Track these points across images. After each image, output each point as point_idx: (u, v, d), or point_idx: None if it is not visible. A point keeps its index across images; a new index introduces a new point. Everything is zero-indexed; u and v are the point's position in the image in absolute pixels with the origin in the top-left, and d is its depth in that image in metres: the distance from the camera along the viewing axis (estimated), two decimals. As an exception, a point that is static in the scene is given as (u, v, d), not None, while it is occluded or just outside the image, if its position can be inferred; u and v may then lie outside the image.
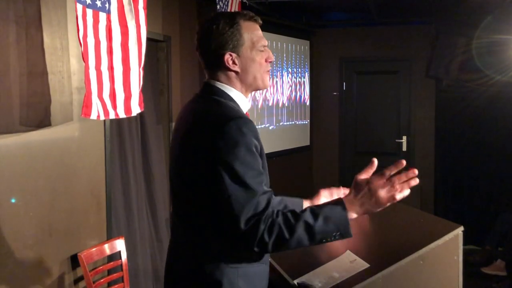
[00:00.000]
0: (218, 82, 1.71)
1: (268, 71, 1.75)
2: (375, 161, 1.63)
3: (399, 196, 1.55)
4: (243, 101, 1.74)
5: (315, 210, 1.55)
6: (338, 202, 1.58)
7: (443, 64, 6.04)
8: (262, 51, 1.72)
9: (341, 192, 1.95)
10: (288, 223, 1.51)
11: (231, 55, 1.67)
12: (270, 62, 1.75)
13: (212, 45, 1.67)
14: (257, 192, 1.51)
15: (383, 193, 1.54)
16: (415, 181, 1.56)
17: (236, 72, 1.70)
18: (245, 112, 1.72)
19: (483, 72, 5.61)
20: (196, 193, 1.60)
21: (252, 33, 1.71)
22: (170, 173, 1.76)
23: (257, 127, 1.60)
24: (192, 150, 1.60)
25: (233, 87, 1.71)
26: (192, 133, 1.63)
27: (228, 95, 1.70)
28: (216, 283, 1.59)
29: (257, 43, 1.71)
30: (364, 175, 1.60)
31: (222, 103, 1.66)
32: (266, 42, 1.74)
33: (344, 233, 1.55)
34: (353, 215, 1.57)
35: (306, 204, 1.93)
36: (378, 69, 6.78)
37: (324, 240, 1.55)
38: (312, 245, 1.57)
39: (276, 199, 1.76)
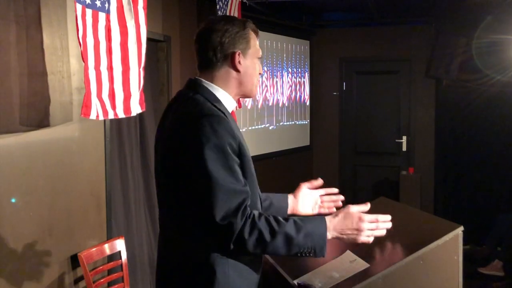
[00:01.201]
0: (207, 82, 1.74)
1: (258, 81, 1.84)
2: (369, 205, 1.74)
3: (370, 239, 1.70)
4: (229, 101, 1.76)
5: (299, 224, 1.61)
6: (322, 222, 1.65)
7: (443, 64, 6.04)
8: (258, 62, 1.81)
9: (319, 182, 2.05)
10: (270, 227, 1.57)
11: (239, 54, 1.73)
12: (260, 74, 1.84)
13: (224, 41, 1.72)
14: (228, 189, 1.55)
15: (365, 237, 1.67)
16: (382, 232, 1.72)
17: (238, 73, 1.75)
18: (230, 111, 1.75)
19: (483, 72, 5.61)
20: (176, 189, 1.64)
21: (255, 43, 1.80)
22: (155, 169, 1.80)
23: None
24: (171, 147, 1.66)
25: (224, 87, 1.75)
26: (171, 130, 1.68)
27: (213, 94, 1.73)
28: (210, 272, 1.61)
29: (257, 53, 1.80)
30: (357, 209, 1.69)
31: (201, 101, 1.68)
32: (261, 55, 1.84)
33: (318, 252, 1.62)
34: (329, 237, 1.65)
35: (291, 198, 2.02)
36: (378, 69, 6.78)
37: (298, 254, 1.62)
38: (286, 255, 1.63)
39: (261, 196, 1.84)
